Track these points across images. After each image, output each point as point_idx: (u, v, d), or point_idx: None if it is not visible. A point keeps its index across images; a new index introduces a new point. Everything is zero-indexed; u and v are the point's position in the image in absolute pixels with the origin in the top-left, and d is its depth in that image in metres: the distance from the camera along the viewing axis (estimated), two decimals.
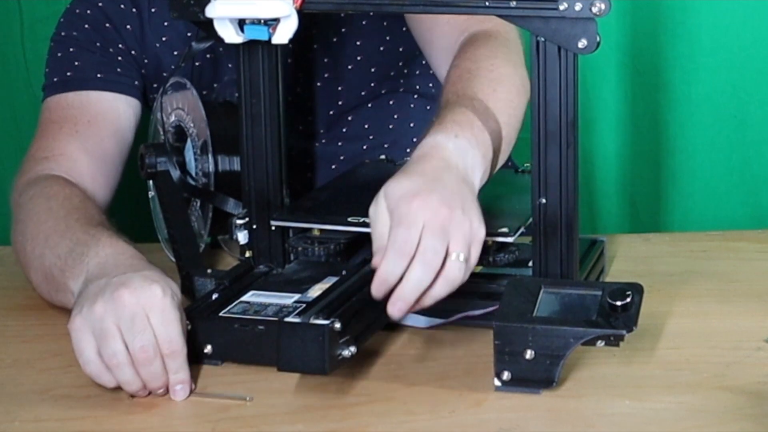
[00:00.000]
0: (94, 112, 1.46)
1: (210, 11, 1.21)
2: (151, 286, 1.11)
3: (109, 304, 1.10)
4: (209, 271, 1.32)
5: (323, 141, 1.59)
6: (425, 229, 1.09)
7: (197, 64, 1.52)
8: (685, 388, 1.10)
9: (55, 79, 1.49)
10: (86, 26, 1.50)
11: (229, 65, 1.52)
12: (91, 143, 1.46)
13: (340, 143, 1.59)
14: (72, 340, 1.11)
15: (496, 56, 1.32)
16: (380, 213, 1.12)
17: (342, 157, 1.59)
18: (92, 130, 1.46)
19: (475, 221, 1.12)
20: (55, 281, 1.26)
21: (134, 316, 1.09)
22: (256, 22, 1.21)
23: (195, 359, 1.16)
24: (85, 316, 1.11)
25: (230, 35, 1.22)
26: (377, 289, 1.10)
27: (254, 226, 1.31)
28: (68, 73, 1.48)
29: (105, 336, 1.09)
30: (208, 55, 1.52)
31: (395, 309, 1.09)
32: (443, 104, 1.26)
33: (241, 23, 1.22)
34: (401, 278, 1.09)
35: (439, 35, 1.44)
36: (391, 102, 1.59)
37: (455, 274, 1.10)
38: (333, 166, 1.59)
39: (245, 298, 1.23)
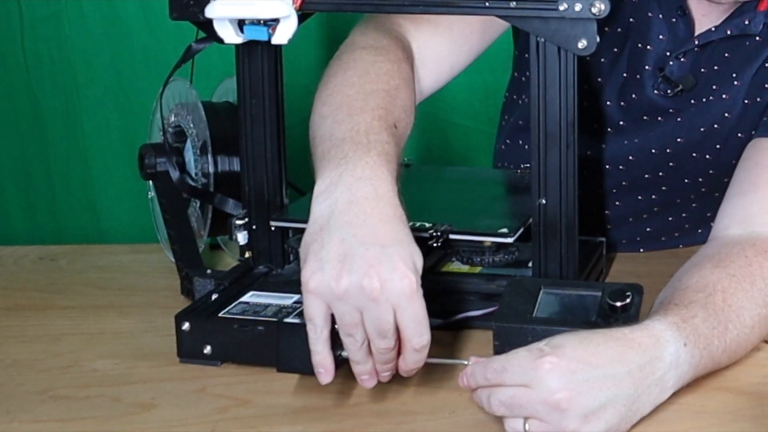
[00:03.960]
0: None
1: (209, 12, 1.21)
2: (403, 280, 1.02)
3: (356, 290, 1.02)
4: (209, 271, 1.33)
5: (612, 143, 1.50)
6: (538, 414, 0.99)
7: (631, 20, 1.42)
8: (685, 388, 1.10)
9: None
10: None
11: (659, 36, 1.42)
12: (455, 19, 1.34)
13: (626, 142, 1.48)
14: (304, 295, 1.04)
15: None
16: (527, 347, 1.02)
17: (631, 158, 1.49)
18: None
19: None
20: (314, 148, 1.18)
21: (381, 314, 1.02)
22: (256, 22, 1.21)
23: (194, 359, 1.17)
24: (328, 284, 1.02)
25: (230, 35, 1.23)
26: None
27: (254, 227, 1.31)
28: None
29: (346, 321, 1.03)
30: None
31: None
32: (700, 288, 1.14)
33: (241, 23, 1.22)
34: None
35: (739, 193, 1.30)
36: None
37: None
38: (621, 167, 1.50)
39: (245, 298, 1.23)
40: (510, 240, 1.21)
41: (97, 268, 1.49)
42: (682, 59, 1.38)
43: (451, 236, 1.22)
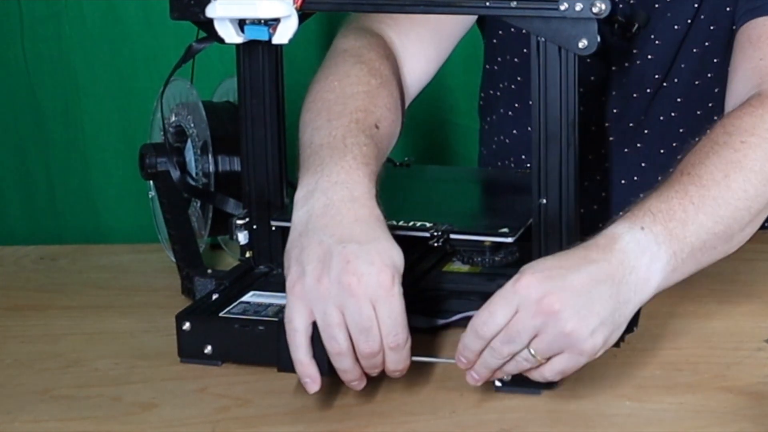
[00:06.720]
0: None
1: (210, 11, 1.21)
2: (380, 274, 1.04)
3: (336, 287, 1.04)
4: (209, 271, 1.33)
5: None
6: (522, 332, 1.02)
7: None
8: (685, 388, 1.10)
9: None
10: None
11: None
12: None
13: (603, 98, 1.49)
14: (288, 299, 1.06)
15: (755, 132, 1.17)
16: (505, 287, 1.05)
17: (615, 111, 1.49)
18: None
19: (593, 342, 1.03)
20: (298, 155, 1.20)
21: (361, 309, 1.03)
22: (257, 22, 1.21)
23: (195, 359, 1.17)
24: (308, 289, 1.05)
25: (230, 35, 1.23)
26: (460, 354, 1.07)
27: (254, 227, 1.31)
28: None
29: (328, 322, 1.04)
30: None
31: (469, 378, 1.07)
32: (666, 177, 1.15)
33: (241, 23, 1.22)
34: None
35: (737, 80, 1.30)
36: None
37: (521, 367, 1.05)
38: (606, 124, 1.50)
39: (245, 298, 1.23)
40: (510, 240, 1.21)
41: (97, 268, 1.49)
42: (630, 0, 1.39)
43: (452, 236, 1.22)
